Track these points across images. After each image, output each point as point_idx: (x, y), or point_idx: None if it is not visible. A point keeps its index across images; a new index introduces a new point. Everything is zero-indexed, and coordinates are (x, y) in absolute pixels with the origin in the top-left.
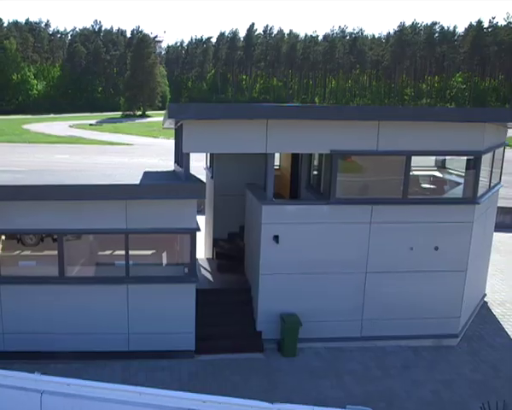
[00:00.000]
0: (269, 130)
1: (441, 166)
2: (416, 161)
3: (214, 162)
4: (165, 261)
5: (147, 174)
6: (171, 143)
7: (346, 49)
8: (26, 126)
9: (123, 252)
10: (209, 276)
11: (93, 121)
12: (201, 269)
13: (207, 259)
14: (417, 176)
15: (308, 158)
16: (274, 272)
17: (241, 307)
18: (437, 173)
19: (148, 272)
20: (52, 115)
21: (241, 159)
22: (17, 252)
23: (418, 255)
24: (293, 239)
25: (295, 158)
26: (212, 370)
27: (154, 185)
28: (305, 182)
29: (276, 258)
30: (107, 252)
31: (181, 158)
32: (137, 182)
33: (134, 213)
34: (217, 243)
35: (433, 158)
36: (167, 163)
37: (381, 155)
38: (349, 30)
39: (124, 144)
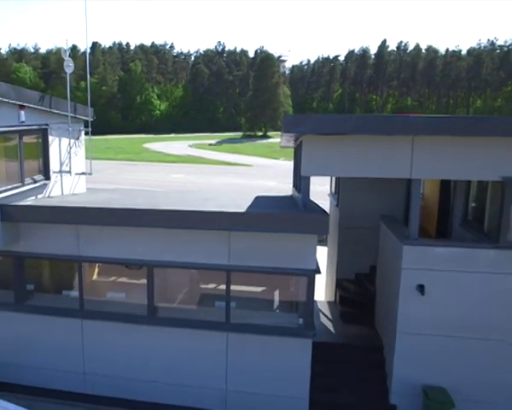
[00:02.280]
0: (415, 149)
1: None
2: None
3: (341, 188)
4: (274, 306)
5: (258, 200)
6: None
7: (495, 64)
8: (146, 145)
9: (222, 288)
10: (329, 325)
11: (213, 141)
12: (320, 315)
13: (328, 302)
14: None
15: (465, 185)
16: (416, 331)
17: (369, 370)
18: None
19: (252, 318)
20: (173, 135)
21: (375, 184)
22: (111, 278)
23: None
24: (445, 291)
25: (445, 184)
26: None
27: (264, 214)
28: (459, 216)
29: (420, 313)
30: (206, 290)
31: (300, 182)
32: (244, 209)
33: (238, 247)
34: (341, 284)
35: None
36: (287, 187)
37: None
38: (500, 42)
39: (242, 165)
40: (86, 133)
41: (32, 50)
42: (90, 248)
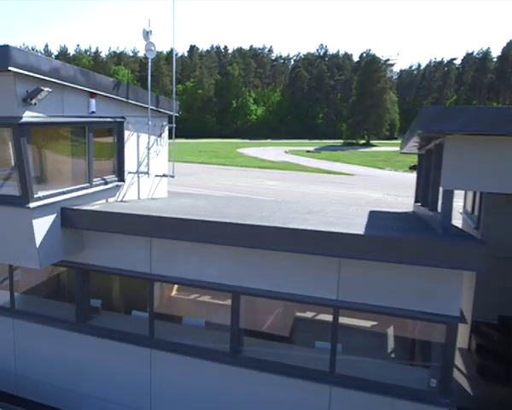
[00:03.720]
0: None
1: None
2: None
3: (483, 205)
4: (394, 354)
5: (374, 216)
6: (400, 175)
7: None
8: (240, 150)
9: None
10: (463, 381)
11: (311, 148)
12: None
13: (459, 349)
14: None
15: None
16: None
17: None
18: None
19: (364, 369)
20: (269, 140)
21: None
22: (191, 296)
23: None
24: None
25: None
26: None
27: (391, 239)
28: None
29: None
30: (304, 322)
31: (432, 196)
32: (360, 229)
33: (351, 279)
34: (479, 329)
35: None
36: (396, 200)
37: None
38: None
39: (342, 174)
40: (170, 135)
41: (131, 54)
42: (163, 265)
